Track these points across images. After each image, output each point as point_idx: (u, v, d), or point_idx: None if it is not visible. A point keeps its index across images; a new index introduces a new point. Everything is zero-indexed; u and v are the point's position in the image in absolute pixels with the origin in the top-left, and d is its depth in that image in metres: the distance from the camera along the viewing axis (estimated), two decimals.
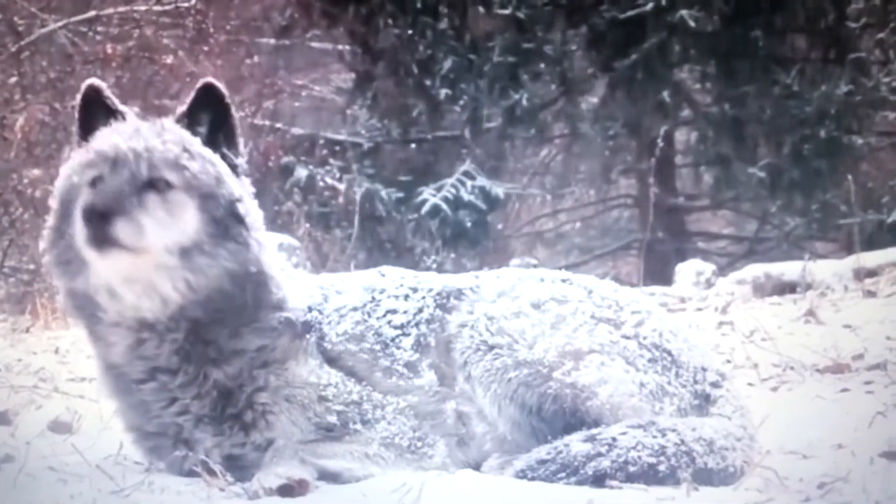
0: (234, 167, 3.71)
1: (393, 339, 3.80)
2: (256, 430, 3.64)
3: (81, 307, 3.66)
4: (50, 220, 3.68)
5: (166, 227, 3.52)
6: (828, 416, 4.44)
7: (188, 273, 3.55)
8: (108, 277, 3.55)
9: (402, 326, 3.82)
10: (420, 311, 3.85)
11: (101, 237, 3.44)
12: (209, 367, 3.64)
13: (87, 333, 3.74)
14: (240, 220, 3.62)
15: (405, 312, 3.85)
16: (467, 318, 3.80)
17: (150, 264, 3.51)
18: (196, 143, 3.68)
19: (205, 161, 3.64)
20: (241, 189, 3.68)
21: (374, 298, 3.89)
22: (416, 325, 3.83)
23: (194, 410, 3.66)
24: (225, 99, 3.74)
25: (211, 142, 3.69)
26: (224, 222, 3.59)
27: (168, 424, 3.68)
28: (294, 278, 3.85)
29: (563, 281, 3.93)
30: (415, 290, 3.92)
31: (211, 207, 3.59)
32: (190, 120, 3.71)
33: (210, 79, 3.75)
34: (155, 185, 3.56)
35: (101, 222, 3.43)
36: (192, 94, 3.74)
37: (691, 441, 3.53)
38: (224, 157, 3.70)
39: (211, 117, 3.72)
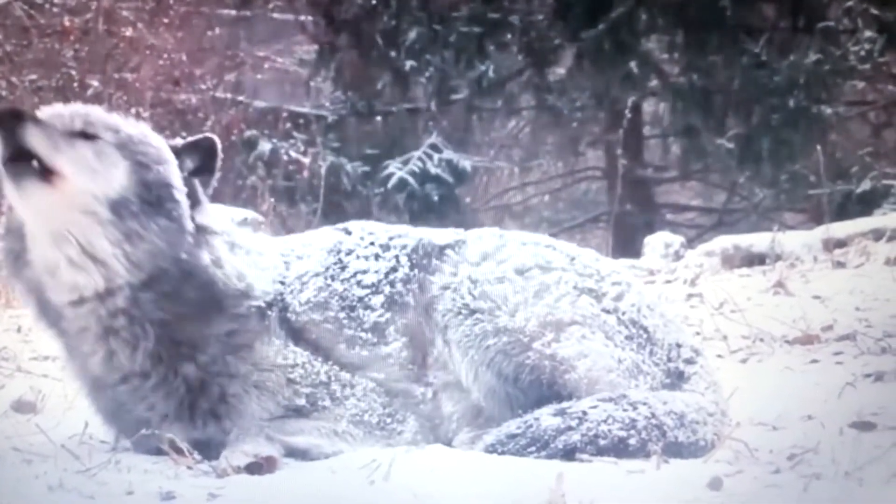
0: (196, 198, 3.68)
1: (361, 299, 3.75)
2: (227, 419, 3.61)
3: (42, 308, 3.64)
4: None
5: (92, 170, 3.51)
6: (797, 388, 4.45)
7: (123, 238, 3.51)
8: (37, 227, 3.52)
9: (372, 285, 3.77)
10: (394, 270, 3.80)
11: (14, 145, 3.43)
12: (182, 364, 3.62)
13: (62, 347, 3.72)
14: (174, 201, 3.59)
15: (376, 272, 3.79)
16: (450, 280, 3.75)
17: (75, 206, 3.48)
18: (157, 138, 3.67)
19: (153, 147, 3.64)
20: (187, 190, 3.65)
21: (340, 261, 3.82)
22: (391, 283, 3.78)
23: (161, 408, 3.64)
24: (218, 159, 3.74)
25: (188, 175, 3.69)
26: (156, 190, 3.57)
27: (138, 418, 3.66)
28: (256, 252, 3.79)
29: (547, 246, 3.89)
30: (386, 248, 3.85)
31: (143, 171, 3.57)
32: (179, 159, 3.69)
33: (214, 137, 3.79)
34: (87, 135, 3.56)
35: (12, 123, 3.43)
36: (194, 139, 3.78)
37: (662, 414, 3.52)
38: (190, 184, 3.67)
39: (199, 165, 3.72)
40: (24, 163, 3.46)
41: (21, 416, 4.22)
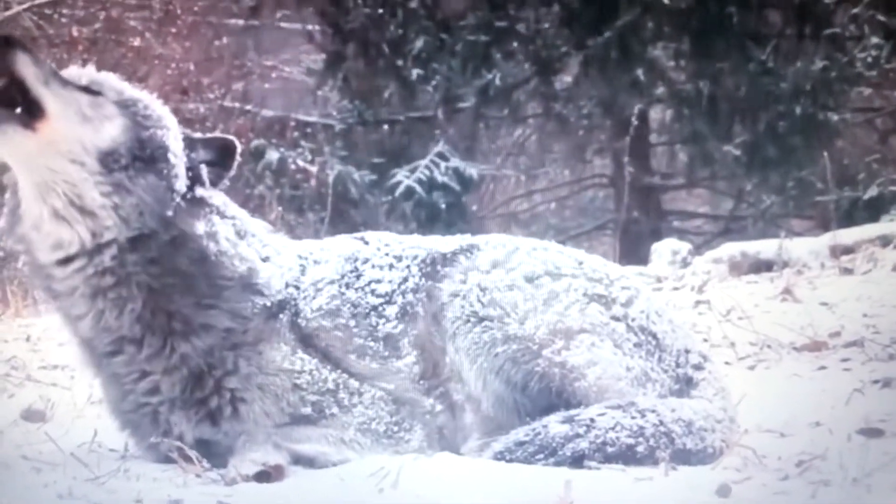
0: (197, 172, 3.69)
1: (375, 308, 3.74)
2: (227, 418, 3.60)
3: (34, 269, 3.64)
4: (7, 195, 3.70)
5: (83, 117, 3.52)
6: (805, 394, 4.44)
7: (112, 190, 3.51)
8: (23, 178, 3.53)
9: (386, 295, 3.76)
10: (405, 280, 3.79)
11: (2, 64, 3.44)
12: (176, 339, 3.60)
13: (57, 311, 3.71)
14: (167, 162, 3.60)
15: (390, 282, 3.79)
16: (460, 288, 3.74)
17: (60, 154, 3.49)
18: (163, 108, 3.70)
19: (155, 112, 3.66)
20: (190, 166, 3.67)
21: (356, 269, 3.82)
22: (402, 293, 3.77)
23: (165, 390, 3.62)
24: (234, 160, 3.77)
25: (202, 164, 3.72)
26: (150, 149, 3.58)
27: (141, 404, 3.65)
28: (272, 249, 3.80)
29: (557, 252, 3.88)
30: (399, 258, 3.85)
31: (139, 130, 3.59)
32: (193, 148, 3.71)
33: (234, 139, 3.82)
34: (89, 90, 3.59)
35: (3, 47, 3.45)
36: (215, 135, 3.84)
37: (670, 422, 3.52)
38: (192, 159, 3.69)
39: (212, 160, 3.74)
40: (7, 108, 3.47)
41: (30, 424, 4.21)
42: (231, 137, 3.83)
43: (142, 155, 3.57)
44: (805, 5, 17.62)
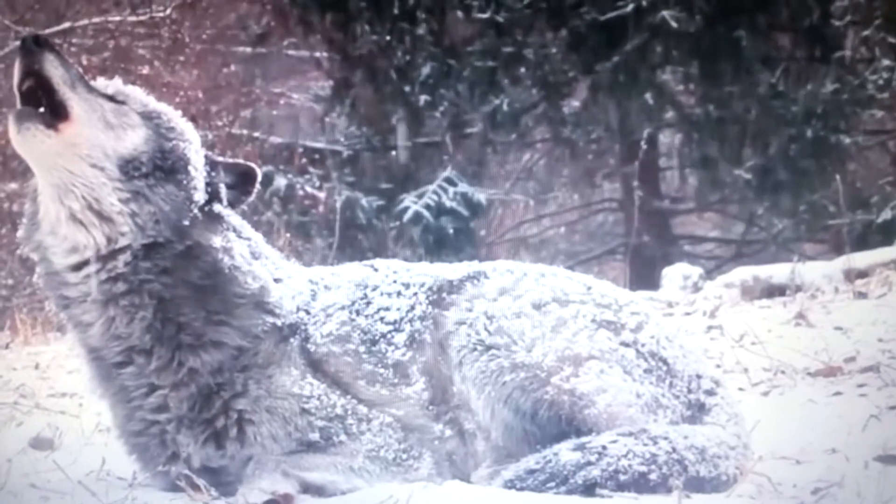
0: (216, 189, 3.71)
1: (384, 335, 3.73)
2: (233, 439, 3.58)
3: (47, 276, 3.64)
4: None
5: (107, 123, 3.56)
6: (820, 421, 4.39)
7: (130, 197, 3.53)
8: (42, 179, 3.55)
9: (394, 322, 3.75)
10: (412, 308, 3.78)
11: (31, 69, 3.49)
12: (185, 353, 3.58)
13: (67, 321, 3.70)
14: (187, 174, 3.62)
15: (398, 309, 3.78)
16: (466, 316, 3.71)
17: (81, 158, 3.51)
18: (186, 123, 3.73)
19: (179, 125, 3.70)
20: (209, 182, 3.70)
21: (365, 296, 3.82)
22: (410, 321, 3.75)
23: (173, 406, 3.60)
24: (254, 187, 3.84)
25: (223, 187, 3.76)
26: (171, 160, 3.61)
27: (150, 422, 3.63)
28: (285, 273, 3.81)
29: (565, 277, 3.85)
30: (407, 285, 3.85)
31: (161, 140, 3.62)
32: (215, 169, 3.74)
33: (255, 167, 3.86)
34: (114, 100, 3.64)
35: (34, 47, 3.49)
36: (236, 160, 3.88)
37: (683, 449, 3.47)
38: (212, 177, 3.71)
39: (231, 184, 3.78)
40: (31, 107, 3.51)
41: (39, 452, 4.22)
42: (252, 165, 3.87)
43: (162, 165, 3.60)
44: (815, 28, 17.67)
